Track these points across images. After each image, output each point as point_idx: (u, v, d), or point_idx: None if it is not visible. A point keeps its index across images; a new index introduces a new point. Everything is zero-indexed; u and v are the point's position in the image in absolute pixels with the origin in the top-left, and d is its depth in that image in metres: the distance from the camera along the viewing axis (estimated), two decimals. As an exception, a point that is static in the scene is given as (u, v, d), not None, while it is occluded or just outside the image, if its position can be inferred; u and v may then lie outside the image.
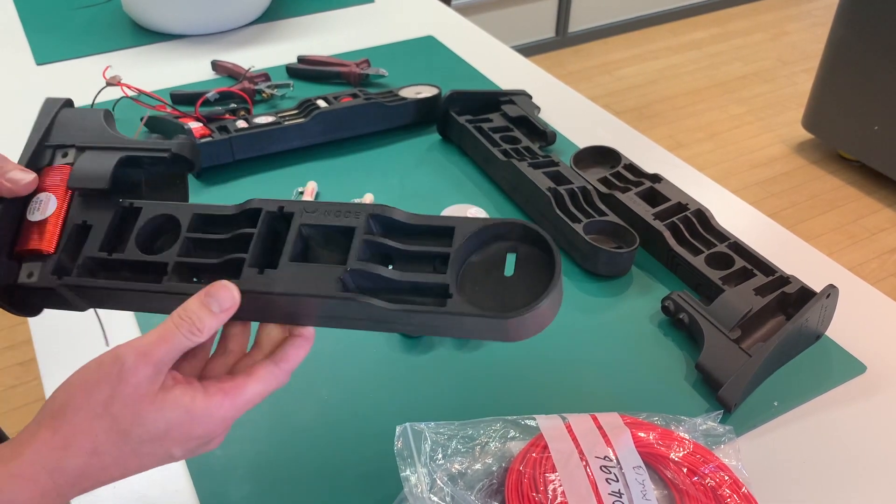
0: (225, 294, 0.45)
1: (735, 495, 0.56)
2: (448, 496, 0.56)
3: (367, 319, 0.46)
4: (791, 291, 0.73)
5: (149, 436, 0.43)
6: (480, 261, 0.47)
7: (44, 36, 1.31)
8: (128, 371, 0.43)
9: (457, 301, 0.44)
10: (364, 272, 0.45)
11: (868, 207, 2.42)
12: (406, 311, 0.44)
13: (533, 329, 0.45)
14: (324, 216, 0.48)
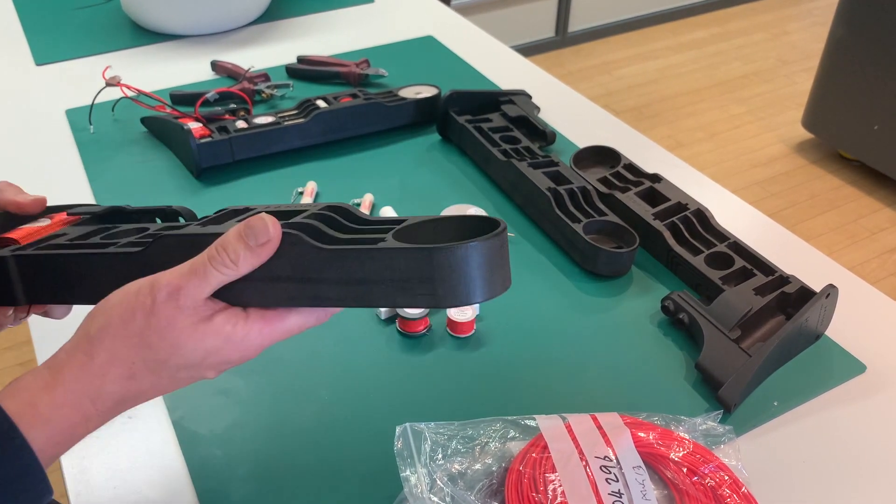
0: (261, 226, 0.43)
1: (735, 495, 0.56)
2: (448, 496, 0.56)
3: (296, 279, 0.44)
4: (791, 291, 0.73)
5: (185, 363, 0.44)
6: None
7: (43, 36, 1.31)
8: (159, 306, 0.43)
9: (389, 241, 0.42)
10: (306, 225, 0.44)
11: (868, 207, 2.42)
12: (338, 251, 0.42)
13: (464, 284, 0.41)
14: (284, 208, 0.49)
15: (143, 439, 0.64)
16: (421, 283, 0.42)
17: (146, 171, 0.97)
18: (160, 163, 0.99)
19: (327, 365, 0.70)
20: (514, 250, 0.84)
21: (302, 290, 0.44)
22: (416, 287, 0.42)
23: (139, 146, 1.02)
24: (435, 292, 0.42)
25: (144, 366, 0.44)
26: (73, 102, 1.12)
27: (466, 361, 0.71)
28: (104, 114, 1.08)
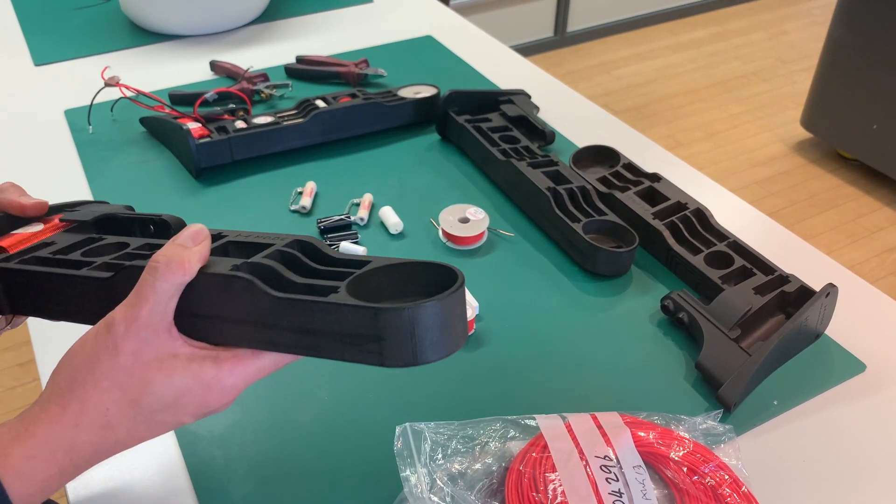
0: (191, 230, 0.45)
1: (735, 494, 0.56)
2: (448, 496, 0.56)
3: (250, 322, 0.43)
4: (790, 290, 0.73)
5: (160, 404, 0.43)
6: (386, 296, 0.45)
7: (42, 37, 1.31)
8: (120, 342, 0.42)
9: (341, 295, 0.41)
10: (262, 265, 0.44)
11: (867, 206, 2.42)
12: (286, 300, 0.41)
13: (412, 347, 0.40)
14: (254, 238, 0.48)
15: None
16: (368, 341, 0.41)
17: (145, 171, 0.97)
18: (159, 163, 0.99)
19: (326, 364, 0.70)
20: (514, 250, 0.84)
21: (257, 333, 0.44)
22: (364, 344, 0.41)
23: (138, 146, 1.02)
24: (381, 351, 0.41)
25: (118, 410, 0.43)
26: (71, 103, 1.12)
27: (466, 361, 0.71)
28: (103, 114, 1.08)
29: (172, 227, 0.56)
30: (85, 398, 0.42)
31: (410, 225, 0.87)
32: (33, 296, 0.51)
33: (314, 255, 0.48)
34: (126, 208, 0.61)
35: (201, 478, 0.60)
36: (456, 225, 0.84)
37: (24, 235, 0.55)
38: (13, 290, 0.51)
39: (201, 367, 0.43)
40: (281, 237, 0.49)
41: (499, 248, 0.84)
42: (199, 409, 0.44)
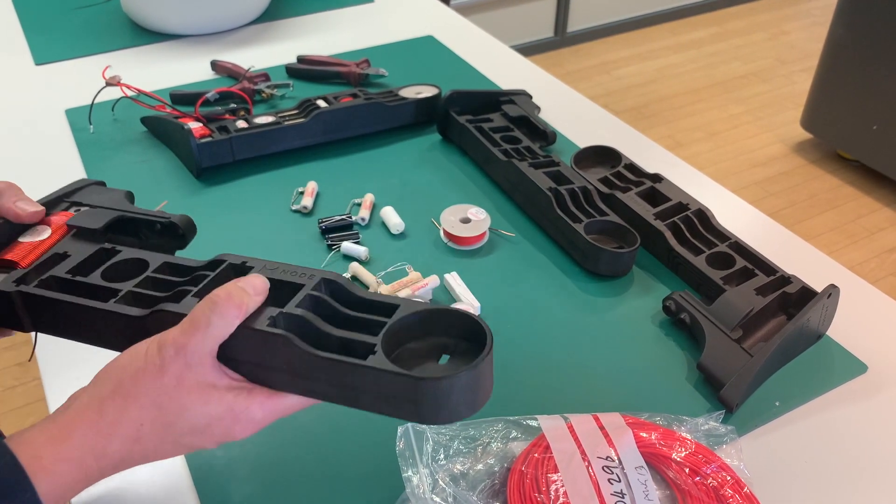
0: (255, 278, 0.47)
1: (737, 495, 0.56)
2: (450, 496, 0.56)
3: (289, 372, 0.45)
4: (792, 291, 0.73)
5: (190, 429, 0.45)
6: (417, 348, 0.47)
7: (42, 36, 1.31)
8: (168, 362, 0.44)
9: (378, 357, 0.43)
10: (298, 317, 0.46)
11: (867, 207, 2.42)
12: (326, 360, 0.44)
13: (447, 409, 0.43)
14: (280, 273, 0.49)
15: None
16: (406, 402, 0.43)
17: (146, 170, 0.97)
18: (160, 162, 0.99)
19: (328, 365, 0.70)
20: (515, 250, 0.84)
21: (295, 382, 0.46)
22: (402, 404, 0.44)
23: (139, 146, 1.02)
24: (419, 413, 0.44)
25: (152, 428, 0.44)
26: (72, 102, 1.12)
27: (468, 361, 0.71)
28: (104, 113, 1.08)
29: (181, 227, 0.56)
30: (124, 410, 0.44)
31: (412, 225, 0.87)
32: (56, 320, 0.51)
33: (342, 297, 0.49)
34: (127, 195, 0.60)
35: (203, 479, 0.60)
36: (457, 225, 0.84)
37: (33, 244, 0.54)
38: (35, 310, 0.51)
39: (236, 398, 0.45)
40: (307, 273, 0.49)
41: (500, 248, 0.84)
42: (223, 437, 0.46)
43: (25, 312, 0.51)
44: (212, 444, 0.46)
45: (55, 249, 0.54)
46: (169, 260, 0.53)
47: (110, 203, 0.58)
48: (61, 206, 0.59)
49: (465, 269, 0.81)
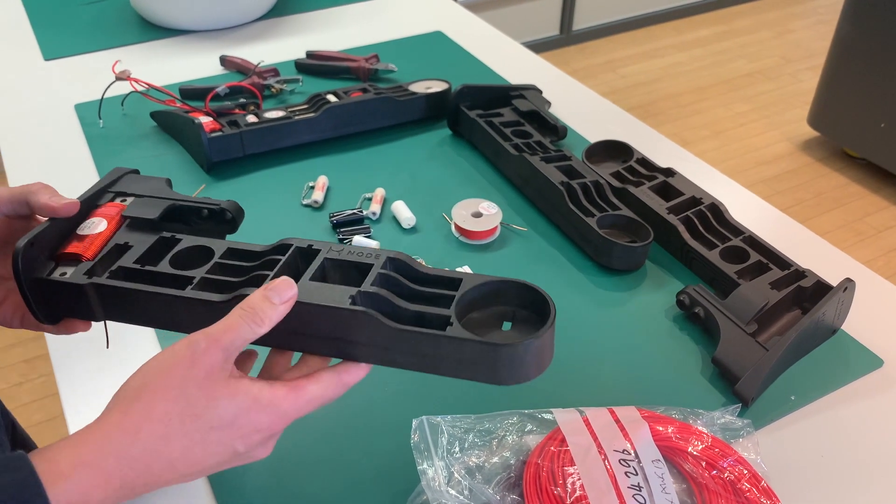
0: (284, 286, 0.47)
1: (754, 489, 0.56)
2: (466, 489, 0.55)
3: (369, 344, 0.48)
4: (807, 285, 0.73)
5: (219, 421, 0.44)
6: (481, 317, 0.50)
7: (51, 31, 1.31)
8: (201, 353, 0.44)
9: (456, 328, 0.46)
10: (375, 295, 0.48)
11: (874, 205, 2.42)
12: (409, 332, 0.46)
13: (522, 371, 0.47)
14: (347, 254, 0.51)
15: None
16: (485, 367, 0.47)
17: (157, 165, 0.97)
18: (170, 157, 0.98)
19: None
20: (527, 245, 0.84)
21: (377, 354, 0.48)
22: (481, 368, 0.47)
23: (149, 140, 1.02)
24: (496, 375, 0.47)
25: (180, 422, 0.43)
26: (82, 97, 1.11)
27: (481, 355, 0.70)
28: (114, 108, 1.08)
29: (230, 212, 0.57)
30: (152, 403, 0.43)
31: (423, 219, 0.87)
32: (129, 308, 0.52)
33: (408, 273, 0.51)
34: (167, 182, 0.60)
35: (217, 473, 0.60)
36: (469, 219, 0.84)
37: (93, 237, 0.54)
38: (108, 300, 0.52)
39: (261, 389, 0.45)
40: (373, 253, 0.51)
41: (512, 242, 0.84)
42: (253, 434, 0.45)
43: (98, 303, 0.52)
44: (241, 444, 0.45)
45: (115, 240, 0.54)
46: (232, 246, 0.54)
47: (154, 191, 0.58)
48: (106, 197, 0.58)
49: (476, 264, 0.80)
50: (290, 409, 0.46)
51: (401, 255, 0.51)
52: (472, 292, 0.49)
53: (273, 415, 0.46)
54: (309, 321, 0.48)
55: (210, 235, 0.57)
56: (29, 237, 0.51)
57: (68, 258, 0.53)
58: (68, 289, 0.51)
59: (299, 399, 0.47)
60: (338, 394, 0.49)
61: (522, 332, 0.49)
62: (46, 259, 0.53)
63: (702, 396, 0.67)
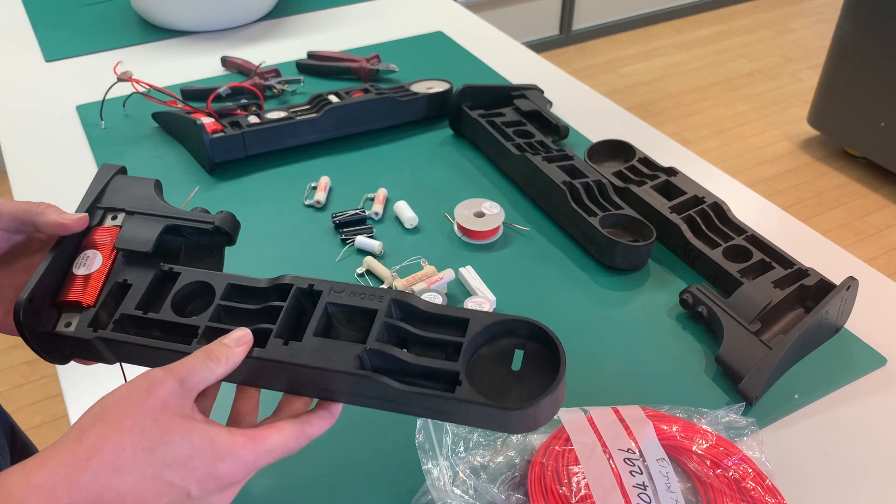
0: (238, 332, 0.48)
1: (759, 487, 0.56)
2: (471, 489, 0.55)
3: (379, 399, 0.48)
4: (810, 284, 0.72)
5: (172, 459, 0.42)
6: (490, 353, 0.49)
7: (52, 33, 1.31)
8: (157, 383, 0.43)
9: (465, 389, 0.46)
10: (381, 353, 0.47)
11: (875, 204, 2.41)
12: (417, 394, 0.46)
13: (532, 424, 0.46)
14: (349, 297, 0.50)
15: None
16: (494, 423, 0.47)
17: (158, 166, 0.97)
18: (172, 158, 0.98)
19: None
20: (530, 244, 0.84)
21: (389, 406, 0.48)
22: (490, 423, 0.47)
23: (151, 141, 1.02)
24: (506, 428, 0.47)
25: (132, 454, 0.42)
26: (83, 98, 1.11)
27: (484, 355, 0.70)
28: (115, 109, 1.08)
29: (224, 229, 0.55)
30: (105, 434, 0.42)
31: (425, 219, 0.87)
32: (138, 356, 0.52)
33: (412, 315, 0.50)
34: (156, 186, 0.58)
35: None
36: (471, 219, 0.84)
37: (91, 277, 0.53)
38: (115, 349, 0.52)
39: (217, 433, 0.44)
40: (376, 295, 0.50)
41: (514, 242, 0.84)
42: (208, 480, 0.44)
43: (107, 350, 0.52)
44: (196, 487, 0.43)
45: (113, 277, 0.53)
46: (232, 281, 0.53)
47: (144, 203, 0.57)
48: (97, 214, 0.57)
49: (479, 264, 0.80)
50: (248, 457, 0.44)
51: (404, 295, 0.50)
52: (481, 336, 0.49)
53: (231, 464, 0.44)
54: (313, 379, 0.48)
55: (208, 248, 0.56)
56: (27, 293, 0.50)
57: (70, 305, 0.52)
58: (75, 341, 0.51)
59: (258, 448, 0.45)
60: (299, 445, 0.48)
61: (534, 368, 0.48)
62: (48, 307, 0.52)
63: (705, 395, 0.67)
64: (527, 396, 0.46)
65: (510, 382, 0.47)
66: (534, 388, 0.46)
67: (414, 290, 0.74)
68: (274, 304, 0.51)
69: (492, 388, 0.47)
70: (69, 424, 0.64)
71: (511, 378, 0.48)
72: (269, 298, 0.52)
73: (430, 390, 0.46)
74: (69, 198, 0.90)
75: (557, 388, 0.45)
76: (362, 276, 0.79)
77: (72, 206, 0.58)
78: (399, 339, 0.50)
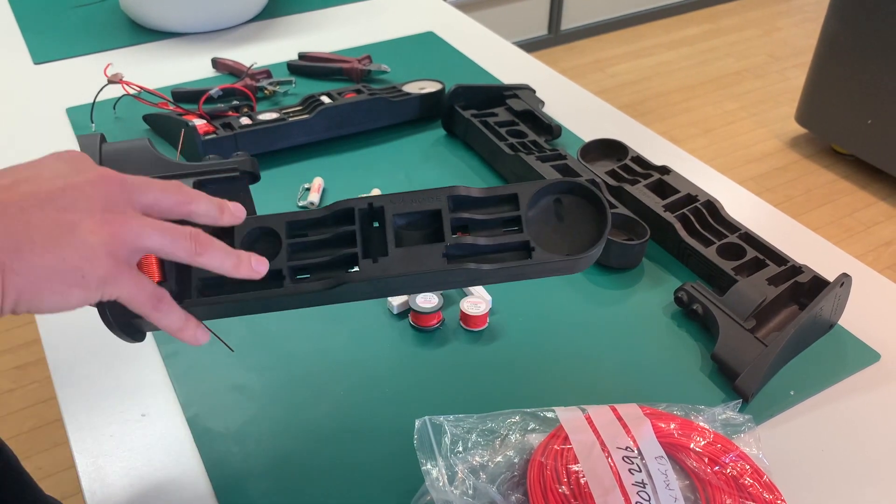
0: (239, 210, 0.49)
1: (757, 484, 0.56)
2: (470, 489, 0.55)
3: (465, 281, 0.53)
4: (804, 281, 0.73)
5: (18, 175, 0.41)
6: (537, 214, 0.54)
7: (40, 35, 1.30)
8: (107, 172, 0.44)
9: (539, 252, 0.52)
10: (460, 244, 0.52)
11: (862, 201, 2.43)
12: (504, 269, 0.52)
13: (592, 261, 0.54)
14: (409, 204, 0.53)
15: (159, 437, 0.63)
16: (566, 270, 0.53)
17: (150, 168, 0.96)
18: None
19: (340, 360, 0.70)
20: (524, 244, 0.84)
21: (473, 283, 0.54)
22: (562, 272, 0.53)
23: (142, 144, 1.01)
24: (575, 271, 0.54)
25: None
26: (73, 101, 1.11)
27: (480, 355, 0.70)
28: (106, 112, 1.07)
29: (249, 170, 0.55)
30: None
31: (420, 220, 0.87)
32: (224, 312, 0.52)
33: (467, 203, 0.54)
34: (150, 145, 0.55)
35: (218, 475, 0.60)
36: (466, 219, 0.83)
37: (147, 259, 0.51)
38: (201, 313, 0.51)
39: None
40: (433, 196, 0.53)
41: (509, 242, 0.84)
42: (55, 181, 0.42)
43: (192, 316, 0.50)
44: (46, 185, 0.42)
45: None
46: (289, 219, 0.53)
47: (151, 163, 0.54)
48: None
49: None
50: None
51: (455, 189, 0.54)
52: (530, 204, 0.54)
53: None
54: (407, 283, 0.51)
55: (233, 191, 0.55)
56: None
57: None
58: None
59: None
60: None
61: (576, 214, 0.54)
62: None
63: (701, 393, 0.67)
64: (583, 240, 0.53)
65: (563, 231, 0.54)
66: (583, 230, 0.54)
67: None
68: (344, 230, 0.53)
69: (552, 242, 0.53)
70: (62, 428, 0.63)
71: (562, 228, 0.54)
72: (331, 225, 0.54)
73: (512, 262, 0.52)
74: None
75: (607, 227, 0.53)
76: (357, 277, 0.79)
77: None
78: (461, 226, 0.54)
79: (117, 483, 0.59)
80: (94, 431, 0.63)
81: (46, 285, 0.39)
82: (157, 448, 0.62)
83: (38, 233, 0.39)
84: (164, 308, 0.45)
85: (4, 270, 0.38)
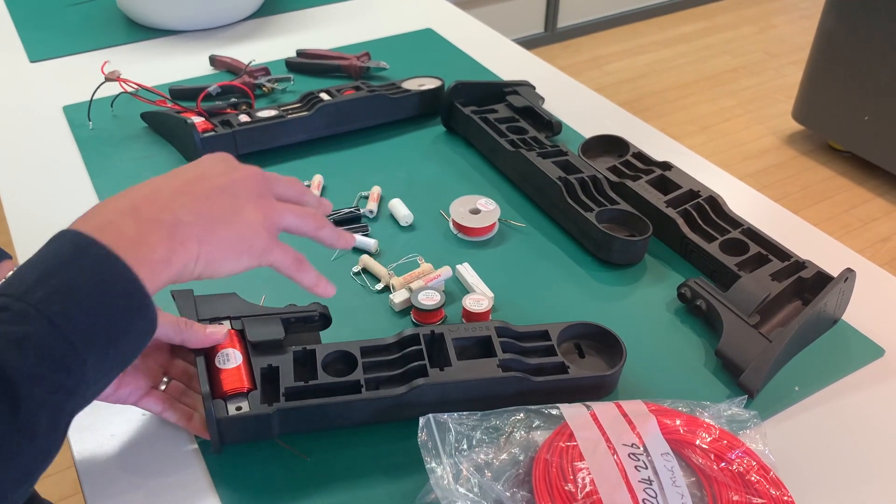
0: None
1: (763, 480, 0.56)
2: (475, 486, 0.55)
3: (515, 388, 0.62)
4: (807, 276, 0.73)
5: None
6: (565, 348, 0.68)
7: (37, 33, 1.29)
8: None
9: (573, 369, 0.64)
10: (511, 360, 0.63)
11: (860, 197, 2.43)
12: (547, 381, 0.63)
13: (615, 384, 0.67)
14: (465, 331, 0.65)
15: (159, 437, 0.62)
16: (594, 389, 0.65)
17: (148, 166, 0.96)
18: (162, 158, 0.97)
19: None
20: (526, 241, 0.83)
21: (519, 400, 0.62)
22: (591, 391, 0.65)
23: (140, 142, 1.00)
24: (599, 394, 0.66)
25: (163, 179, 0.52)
26: (70, 99, 1.10)
27: (484, 352, 0.70)
28: (103, 110, 1.06)
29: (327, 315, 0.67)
30: None
31: (420, 217, 0.86)
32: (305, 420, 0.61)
33: (508, 333, 0.66)
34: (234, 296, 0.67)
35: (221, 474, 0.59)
36: (467, 216, 0.83)
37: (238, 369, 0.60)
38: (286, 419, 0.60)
39: None
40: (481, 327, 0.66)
41: (510, 238, 0.84)
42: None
43: (277, 423, 0.59)
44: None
45: (256, 366, 0.61)
46: (363, 345, 0.64)
47: (238, 307, 0.65)
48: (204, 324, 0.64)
49: (475, 260, 0.80)
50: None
51: (500, 322, 0.66)
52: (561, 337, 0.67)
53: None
54: (467, 388, 0.61)
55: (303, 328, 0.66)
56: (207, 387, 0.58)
57: (232, 393, 0.59)
58: (253, 419, 0.58)
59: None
60: None
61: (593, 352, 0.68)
62: (215, 399, 0.58)
63: (706, 389, 0.67)
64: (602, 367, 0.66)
65: (584, 363, 0.66)
66: (600, 361, 0.67)
67: (411, 287, 0.74)
68: (409, 351, 0.64)
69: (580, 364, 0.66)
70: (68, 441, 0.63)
71: (583, 360, 0.67)
72: (397, 350, 0.64)
73: (555, 376, 0.63)
74: (57, 198, 0.89)
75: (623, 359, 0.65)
76: (358, 274, 0.78)
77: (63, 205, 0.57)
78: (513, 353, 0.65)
79: (117, 483, 0.59)
80: (94, 431, 0.62)
81: (227, 253, 0.51)
82: (159, 445, 0.62)
83: (221, 214, 0.51)
84: (304, 268, 0.56)
85: (201, 242, 0.49)
